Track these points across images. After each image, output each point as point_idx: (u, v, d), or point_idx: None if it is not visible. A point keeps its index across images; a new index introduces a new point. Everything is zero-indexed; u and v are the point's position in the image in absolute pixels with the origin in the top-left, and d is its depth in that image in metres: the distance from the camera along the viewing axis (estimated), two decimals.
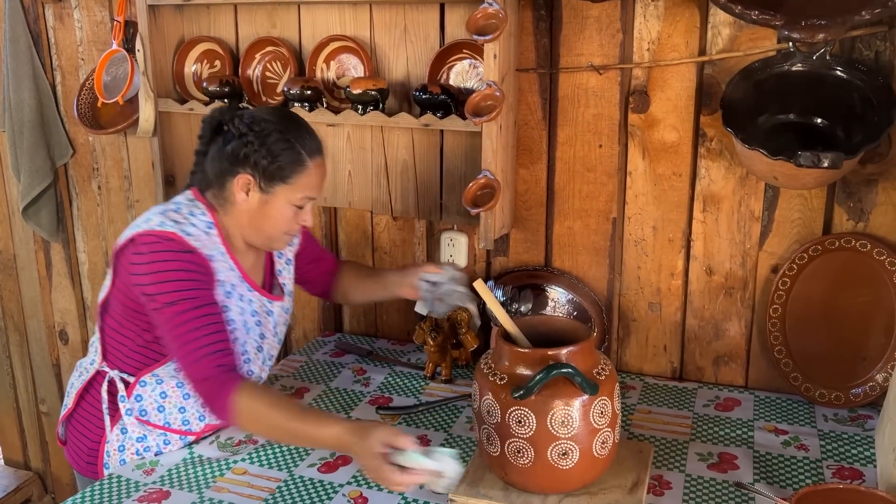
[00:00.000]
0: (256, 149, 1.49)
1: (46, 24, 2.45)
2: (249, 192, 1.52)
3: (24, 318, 2.83)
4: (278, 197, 1.52)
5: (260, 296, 1.63)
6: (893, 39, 1.56)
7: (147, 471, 1.55)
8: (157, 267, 1.46)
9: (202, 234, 1.52)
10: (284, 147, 1.50)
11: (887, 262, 1.64)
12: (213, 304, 1.50)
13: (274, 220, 1.55)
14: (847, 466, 1.49)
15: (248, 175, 1.51)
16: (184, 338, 1.45)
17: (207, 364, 1.44)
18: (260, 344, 1.65)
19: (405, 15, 1.92)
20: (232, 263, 1.57)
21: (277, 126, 1.51)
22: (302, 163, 1.51)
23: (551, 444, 1.31)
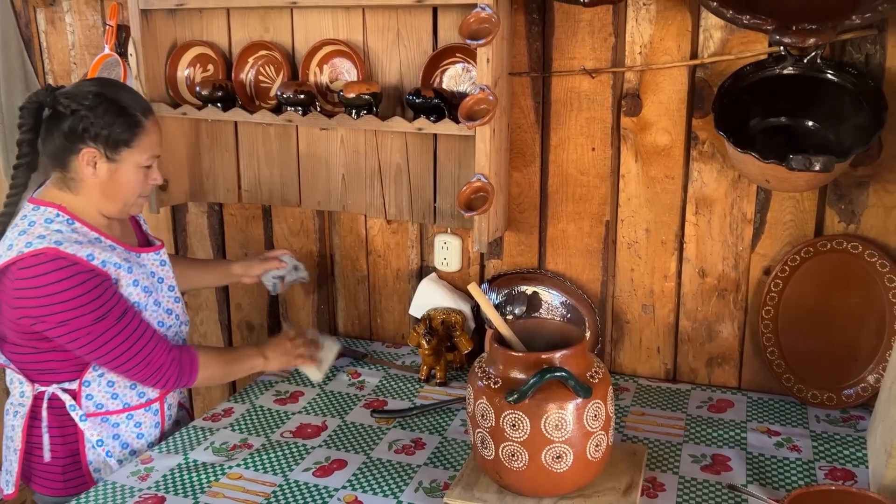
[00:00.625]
0: (93, 121, 1.50)
1: (38, 29, 2.44)
2: (97, 164, 1.54)
3: None
4: (126, 163, 1.56)
5: (147, 255, 1.68)
6: (884, 43, 1.57)
7: (142, 476, 1.54)
8: (55, 298, 1.45)
9: (69, 233, 1.52)
10: (119, 113, 1.52)
11: (878, 263, 1.65)
12: (129, 307, 1.55)
13: (127, 186, 1.58)
14: (839, 467, 1.50)
15: (92, 148, 1.52)
16: (126, 345, 1.52)
17: (158, 356, 1.57)
18: (175, 295, 1.73)
19: (398, 19, 1.92)
20: (110, 242, 1.59)
21: (104, 94, 1.53)
22: (139, 124, 1.55)
23: (545, 447, 1.31)
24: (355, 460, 1.58)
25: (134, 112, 1.55)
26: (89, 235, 1.56)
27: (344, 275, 2.22)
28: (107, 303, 1.50)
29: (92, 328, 1.49)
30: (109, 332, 1.51)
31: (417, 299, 2.04)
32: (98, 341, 1.50)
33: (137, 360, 1.54)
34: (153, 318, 1.63)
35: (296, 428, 1.72)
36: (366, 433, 1.69)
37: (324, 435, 1.68)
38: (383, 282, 2.18)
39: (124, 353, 1.53)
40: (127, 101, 1.55)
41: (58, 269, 1.46)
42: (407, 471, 1.54)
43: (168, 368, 1.59)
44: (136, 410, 1.66)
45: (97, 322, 1.49)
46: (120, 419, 1.64)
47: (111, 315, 1.51)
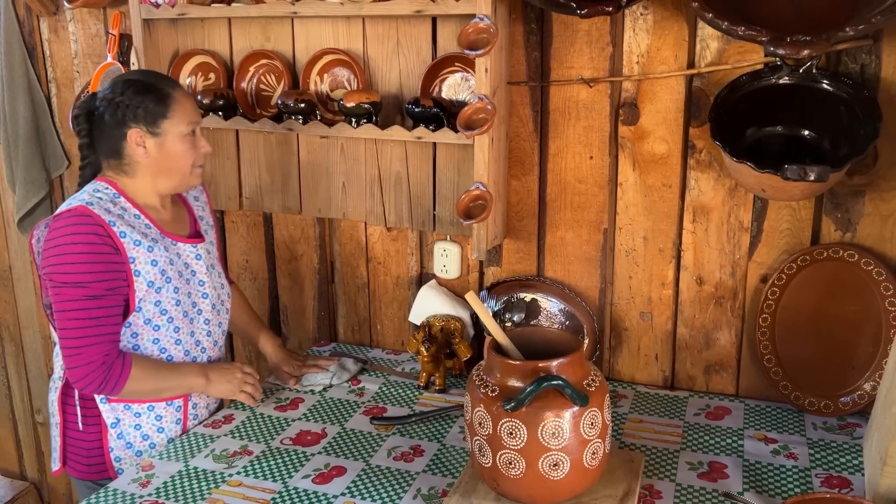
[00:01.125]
0: (128, 104, 1.60)
1: (41, 37, 2.46)
2: (145, 142, 1.62)
3: (19, 329, 2.83)
4: (169, 134, 1.63)
5: (184, 244, 1.72)
6: (879, 53, 1.58)
7: (143, 483, 1.56)
8: (63, 249, 1.54)
9: (107, 202, 1.61)
10: (147, 90, 1.61)
11: (874, 271, 1.66)
12: (111, 296, 1.57)
13: (178, 156, 1.65)
14: (835, 475, 1.51)
15: (136, 128, 1.61)
16: (78, 322, 1.54)
17: (93, 352, 1.56)
18: (204, 291, 1.76)
19: (398, 28, 1.94)
20: (147, 222, 1.65)
21: (131, 79, 1.64)
22: (169, 95, 1.63)
23: (542, 455, 1.32)
24: (354, 467, 1.59)
25: (161, 86, 1.63)
26: (128, 211, 1.63)
27: (344, 282, 2.24)
28: (94, 276, 1.54)
29: (64, 289, 1.54)
30: (72, 302, 1.54)
31: (417, 306, 2.05)
32: (60, 304, 1.55)
33: (73, 345, 1.55)
34: (168, 303, 1.66)
35: (296, 435, 1.73)
36: (365, 440, 1.70)
37: (323, 442, 1.69)
38: (383, 289, 2.19)
39: (67, 330, 1.55)
40: (152, 80, 1.65)
41: (77, 223, 1.55)
42: (406, 478, 1.55)
43: (95, 369, 1.56)
44: (157, 403, 1.70)
45: (73, 286, 1.54)
46: (141, 409, 1.69)
47: (88, 289, 1.54)
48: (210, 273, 1.77)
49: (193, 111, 1.67)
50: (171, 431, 1.73)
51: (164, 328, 1.68)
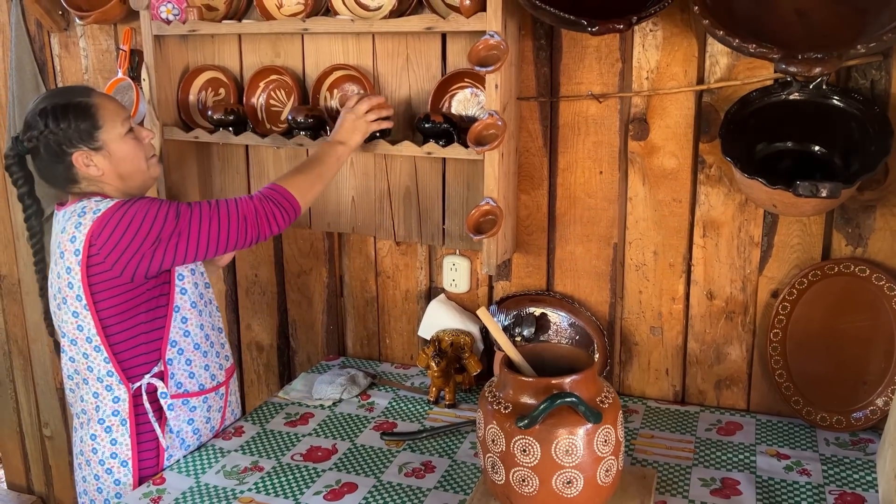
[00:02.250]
0: (54, 130, 1.58)
1: (52, 53, 2.48)
2: (92, 159, 1.61)
3: (27, 342, 2.84)
4: (109, 141, 1.62)
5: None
6: (889, 69, 1.58)
7: (154, 499, 1.56)
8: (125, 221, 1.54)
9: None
10: (68, 111, 1.58)
11: (886, 287, 1.65)
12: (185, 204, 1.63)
13: (128, 157, 1.65)
14: (849, 492, 1.50)
15: (76, 151, 1.59)
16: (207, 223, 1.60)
17: (243, 204, 1.63)
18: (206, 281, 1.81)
19: (407, 44, 1.95)
20: None
21: (49, 107, 1.59)
22: (90, 106, 1.61)
23: (556, 472, 1.32)
24: (366, 483, 1.58)
25: (78, 100, 1.61)
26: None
27: (353, 296, 2.24)
28: (167, 203, 1.60)
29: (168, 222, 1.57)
30: (194, 218, 1.59)
31: (426, 320, 2.06)
32: (185, 225, 1.58)
33: (229, 218, 1.61)
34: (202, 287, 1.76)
35: (306, 451, 1.73)
36: (375, 456, 1.69)
37: (334, 458, 1.69)
38: (392, 303, 2.19)
39: (214, 226, 1.60)
40: (66, 98, 1.61)
41: (125, 204, 1.57)
42: (417, 494, 1.54)
43: (258, 208, 1.63)
44: (209, 394, 1.76)
45: (177, 218, 1.58)
46: (197, 402, 1.74)
47: (176, 205, 1.59)
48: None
49: (119, 109, 1.66)
50: (214, 421, 1.79)
51: (205, 313, 1.77)
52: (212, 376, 1.77)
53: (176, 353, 1.70)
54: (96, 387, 1.65)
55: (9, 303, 2.83)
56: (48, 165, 1.62)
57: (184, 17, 2.06)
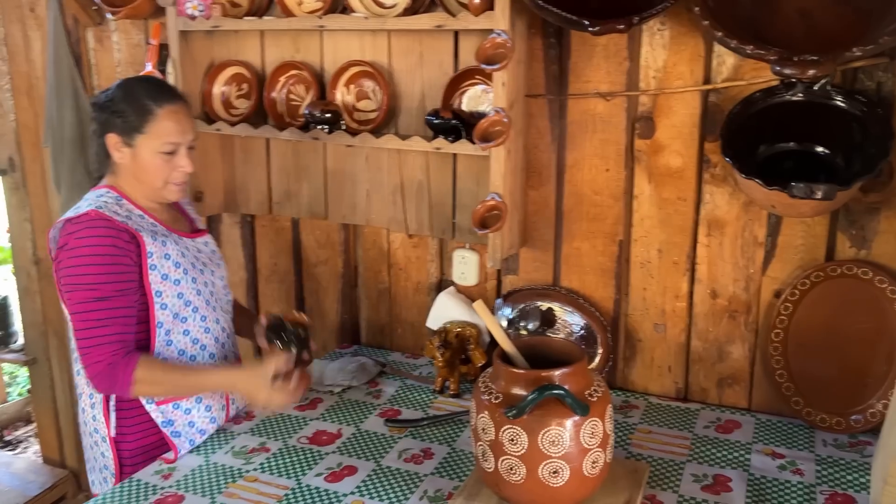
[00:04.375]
0: (113, 110, 1.65)
1: (87, 47, 2.59)
2: (120, 149, 1.67)
3: (62, 324, 2.96)
4: (142, 147, 1.66)
5: (188, 238, 1.78)
6: (895, 71, 1.58)
7: (165, 475, 1.64)
8: (75, 252, 1.59)
9: (113, 204, 1.66)
10: (130, 102, 1.65)
11: (888, 290, 1.65)
12: (120, 296, 1.60)
13: (149, 170, 1.68)
14: (840, 492, 1.51)
15: (114, 134, 1.66)
16: (86, 324, 1.59)
17: (100, 353, 1.59)
18: (213, 280, 1.81)
19: (421, 42, 1.99)
20: (153, 220, 1.71)
21: (121, 87, 1.67)
22: (150, 111, 1.64)
23: (542, 462, 1.35)
24: (365, 467, 1.64)
25: (145, 101, 1.65)
26: (133, 212, 1.69)
27: (367, 286, 2.30)
28: (104, 278, 1.58)
29: (75, 291, 1.59)
30: (82, 304, 1.59)
31: (435, 312, 2.10)
32: (74, 306, 1.60)
33: (83, 345, 1.60)
34: (190, 293, 1.72)
35: (312, 434, 1.79)
36: (378, 441, 1.75)
37: (338, 442, 1.75)
38: (404, 294, 2.24)
39: (80, 331, 1.60)
40: (142, 92, 1.66)
41: (90, 227, 1.60)
42: (414, 479, 1.59)
43: (101, 370, 1.59)
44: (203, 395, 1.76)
45: (84, 288, 1.58)
46: (191, 405, 1.75)
47: (97, 291, 1.58)
48: (216, 262, 1.85)
49: (177, 132, 1.66)
50: (220, 418, 1.81)
51: (191, 319, 1.74)
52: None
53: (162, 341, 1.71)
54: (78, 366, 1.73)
55: (45, 285, 2.96)
56: (93, 134, 1.71)
57: (208, 14, 2.13)
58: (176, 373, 1.68)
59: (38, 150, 2.79)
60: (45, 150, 2.74)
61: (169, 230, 1.74)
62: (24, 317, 3.06)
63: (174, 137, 1.67)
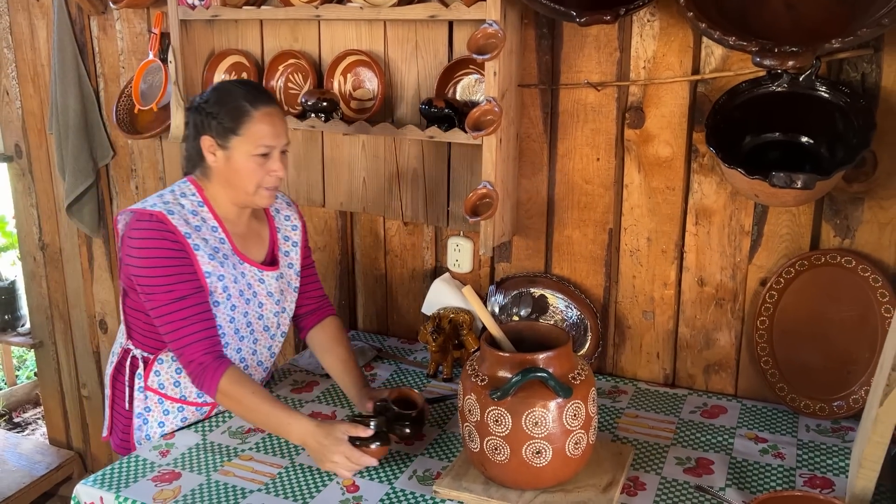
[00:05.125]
0: (209, 111, 1.66)
1: (91, 35, 2.62)
2: (215, 152, 1.68)
3: (68, 308, 3.02)
4: (237, 150, 1.65)
5: (251, 266, 1.76)
6: (879, 62, 1.60)
7: (163, 451, 1.69)
8: (145, 252, 1.62)
9: (187, 213, 1.67)
10: (227, 103, 1.65)
11: (871, 278, 1.67)
12: (197, 293, 1.64)
13: (242, 174, 1.67)
14: (820, 476, 1.54)
15: (208, 137, 1.67)
16: (173, 325, 1.62)
17: (193, 351, 1.62)
18: (260, 312, 1.80)
19: (416, 32, 2.02)
20: (223, 236, 1.71)
21: (225, 89, 1.68)
22: (246, 113, 1.64)
23: (526, 442, 1.40)
24: None
25: (241, 102, 1.64)
26: (207, 222, 1.69)
27: (364, 273, 2.34)
28: (175, 279, 1.62)
29: (155, 295, 1.62)
30: (166, 306, 1.62)
31: (429, 298, 2.14)
32: (157, 310, 1.63)
33: (176, 346, 1.63)
34: (222, 318, 1.71)
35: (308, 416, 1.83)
36: None
37: None
38: (399, 280, 2.28)
39: (170, 333, 1.63)
40: (239, 93, 1.66)
41: (156, 233, 1.62)
42: (404, 459, 1.64)
43: (195, 367, 1.63)
44: (188, 406, 1.78)
45: (161, 292, 1.61)
46: (171, 407, 1.78)
47: (174, 291, 1.61)
48: (271, 298, 1.80)
49: (271, 135, 1.65)
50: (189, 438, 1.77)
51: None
52: (200, 394, 1.78)
53: (170, 358, 1.75)
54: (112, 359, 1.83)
55: (51, 270, 3.02)
56: (190, 130, 1.72)
57: (208, 3, 2.16)
58: (255, 399, 1.61)
59: (44, 137, 2.84)
60: (50, 136, 2.78)
61: (234, 251, 1.72)
62: (31, 301, 3.12)
63: (268, 140, 1.66)
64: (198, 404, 1.80)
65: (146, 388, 1.77)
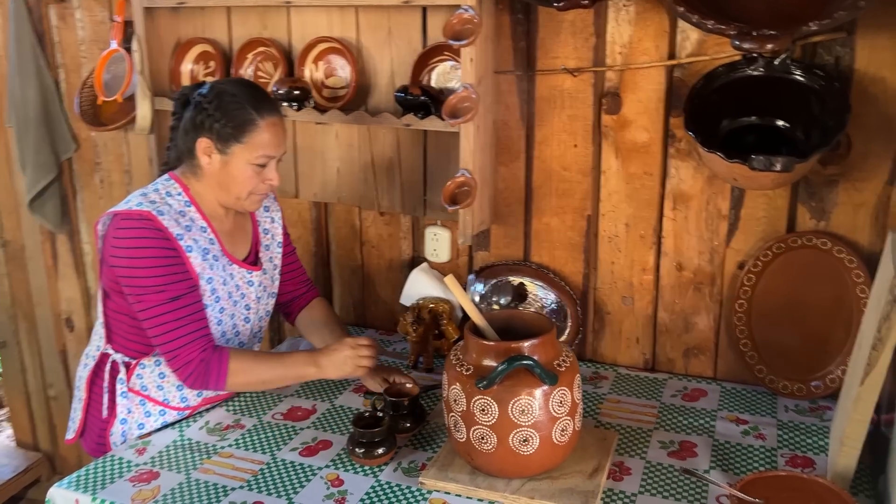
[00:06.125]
0: (211, 113, 1.60)
1: (50, 24, 2.54)
2: (211, 155, 1.63)
3: (32, 307, 2.94)
4: (236, 157, 1.62)
5: (240, 268, 1.73)
6: (853, 45, 1.61)
7: (139, 450, 1.64)
8: (135, 252, 1.57)
9: (176, 213, 1.63)
10: (235, 109, 1.60)
11: (846, 259, 1.70)
12: (190, 293, 1.60)
13: (237, 180, 1.64)
14: (800, 455, 1.56)
15: (207, 138, 1.62)
16: (166, 326, 1.58)
17: (189, 351, 1.59)
18: (247, 315, 1.77)
19: (389, 18, 1.99)
20: (213, 237, 1.67)
21: (227, 91, 1.63)
22: (252, 122, 1.60)
23: (512, 431, 1.39)
24: (340, 441, 1.66)
25: (250, 110, 1.60)
26: (196, 222, 1.65)
27: (340, 264, 2.31)
28: (168, 280, 1.58)
29: (146, 296, 1.57)
30: (158, 308, 1.57)
31: (407, 289, 2.12)
32: (147, 311, 1.58)
33: (169, 348, 1.59)
34: (210, 321, 1.68)
35: (287, 410, 1.81)
36: (352, 416, 1.77)
37: (312, 417, 1.77)
38: (377, 271, 2.26)
39: (161, 335, 1.59)
40: (248, 100, 1.61)
41: (146, 233, 1.57)
42: None
43: (195, 368, 1.60)
44: (170, 410, 1.74)
45: (153, 292, 1.57)
46: (153, 409, 1.73)
47: (167, 292, 1.57)
48: (259, 300, 1.79)
49: (273, 145, 1.63)
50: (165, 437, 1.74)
51: None
52: (183, 398, 1.75)
53: (153, 363, 1.71)
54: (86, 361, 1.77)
55: (13, 268, 2.93)
56: (186, 125, 1.65)
57: None
58: (265, 358, 1.67)
59: (2, 131, 2.75)
60: (9, 130, 2.69)
61: (224, 252, 1.70)
62: None
63: (270, 150, 1.63)
64: (179, 409, 1.75)
65: (129, 390, 1.72)
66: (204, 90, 1.64)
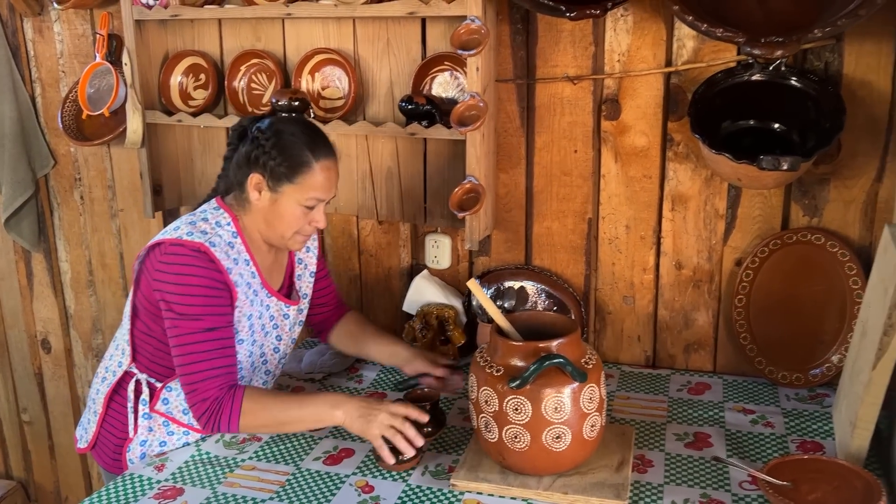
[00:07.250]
0: (266, 151, 1.60)
1: (25, 38, 2.47)
2: (261, 191, 1.62)
3: (4, 329, 2.84)
4: (286, 196, 1.61)
5: (277, 300, 1.73)
6: (841, 52, 1.71)
7: (158, 466, 1.62)
8: (182, 279, 1.55)
9: (226, 245, 1.61)
10: (292, 148, 1.60)
11: (839, 253, 1.79)
12: (226, 327, 1.59)
13: (284, 219, 1.63)
14: (809, 440, 1.64)
15: (259, 175, 1.61)
16: (193, 357, 1.55)
17: (209, 387, 1.56)
18: (276, 345, 1.77)
19: (388, 29, 2.01)
20: (254, 270, 1.67)
21: (290, 130, 1.62)
22: (307, 164, 1.60)
23: (546, 428, 1.42)
24: (362, 448, 1.66)
25: (306, 152, 1.59)
26: (241, 255, 1.64)
27: (337, 274, 2.31)
28: (209, 311, 1.56)
29: (182, 321, 1.55)
30: (191, 335, 1.55)
31: (411, 296, 2.14)
32: (179, 338, 1.56)
33: (190, 380, 1.56)
34: (241, 353, 1.67)
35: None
36: None
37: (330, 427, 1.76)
38: (375, 280, 2.27)
39: (187, 365, 1.56)
40: (305, 141, 1.61)
41: (199, 262, 1.55)
42: None
43: (209, 405, 1.56)
44: (193, 432, 1.71)
45: (192, 319, 1.55)
46: (176, 430, 1.69)
47: (204, 321, 1.55)
48: (290, 332, 1.80)
49: (324, 188, 1.62)
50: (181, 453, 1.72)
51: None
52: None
53: (179, 388, 1.66)
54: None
55: None
56: (240, 160, 1.63)
57: (165, 2, 2.08)
58: (281, 396, 1.62)
59: None
60: None
61: (263, 284, 1.69)
62: None
63: (321, 194, 1.63)
64: (203, 432, 1.71)
65: (152, 410, 1.69)
66: (263, 125, 1.63)
